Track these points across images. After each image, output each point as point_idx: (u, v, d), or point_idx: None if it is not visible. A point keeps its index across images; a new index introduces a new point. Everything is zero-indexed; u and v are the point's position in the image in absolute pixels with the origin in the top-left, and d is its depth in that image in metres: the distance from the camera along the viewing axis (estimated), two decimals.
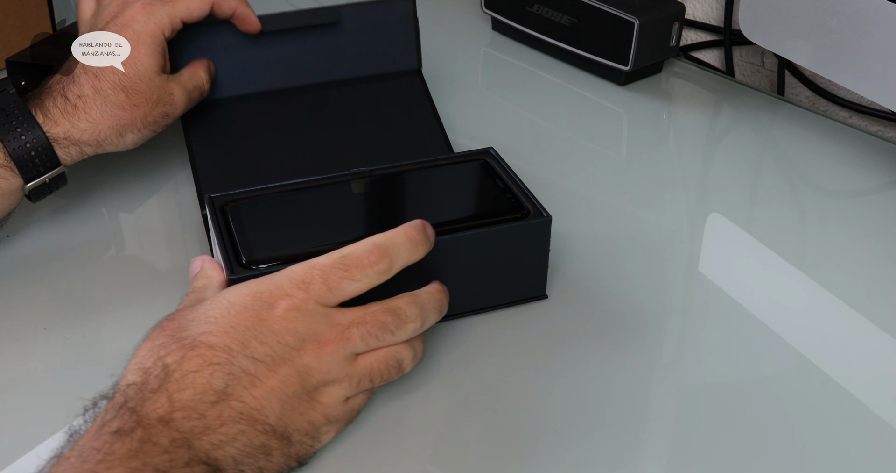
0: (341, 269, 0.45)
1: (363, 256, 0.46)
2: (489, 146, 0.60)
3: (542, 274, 0.57)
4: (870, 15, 0.64)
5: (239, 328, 0.44)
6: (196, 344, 0.43)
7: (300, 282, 0.45)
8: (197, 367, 0.42)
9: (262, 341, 0.44)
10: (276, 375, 0.43)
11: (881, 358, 0.54)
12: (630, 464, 0.47)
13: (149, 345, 0.44)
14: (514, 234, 0.54)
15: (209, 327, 0.44)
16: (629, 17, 0.76)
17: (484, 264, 0.54)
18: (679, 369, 0.53)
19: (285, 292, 0.45)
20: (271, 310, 0.44)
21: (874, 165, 0.71)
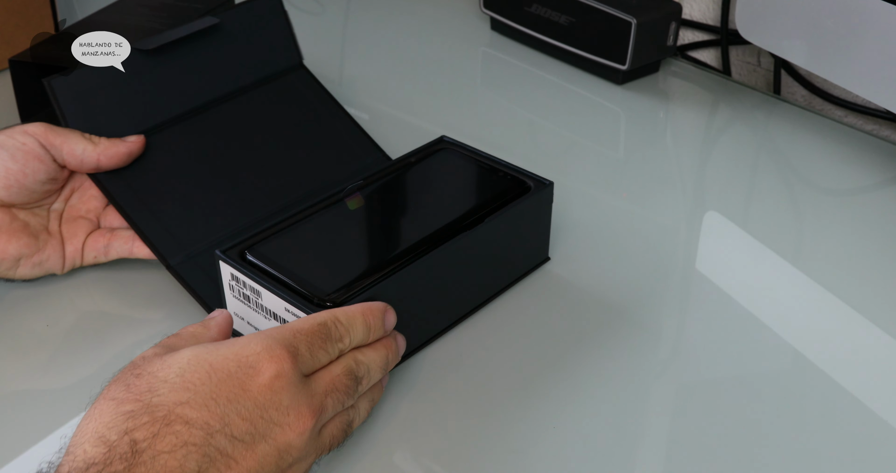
0: (320, 338, 0.43)
1: (333, 329, 0.44)
2: (440, 135, 0.61)
3: (546, 239, 0.59)
4: (865, 14, 0.64)
5: (220, 400, 0.39)
6: (171, 419, 0.38)
7: (288, 345, 0.42)
8: (170, 447, 0.38)
9: (243, 416, 0.40)
10: (254, 455, 0.40)
11: (877, 355, 0.55)
12: (627, 460, 0.48)
13: (112, 409, 0.39)
14: (525, 209, 0.55)
15: (187, 395, 0.39)
16: (627, 16, 0.77)
17: (500, 247, 0.55)
18: (676, 366, 0.54)
19: (273, 355, 0.41)
20: (256, 377, 0.40)
21: (869, 164, 0.71)
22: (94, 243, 0.58)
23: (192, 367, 0.40)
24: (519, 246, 0.57)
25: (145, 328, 0.55)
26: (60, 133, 0.55)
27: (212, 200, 0.59)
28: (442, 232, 0.52)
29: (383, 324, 0.47)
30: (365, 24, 0.93)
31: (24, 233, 0.55)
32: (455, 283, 0.54)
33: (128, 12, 0.73)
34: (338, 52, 0.89)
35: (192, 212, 0.58)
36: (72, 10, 0.90)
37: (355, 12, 0.95)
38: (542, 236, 0.59)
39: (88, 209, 0.59)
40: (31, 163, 0.54)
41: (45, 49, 0.68)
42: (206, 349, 0.41)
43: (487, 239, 0.54)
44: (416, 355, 0.53)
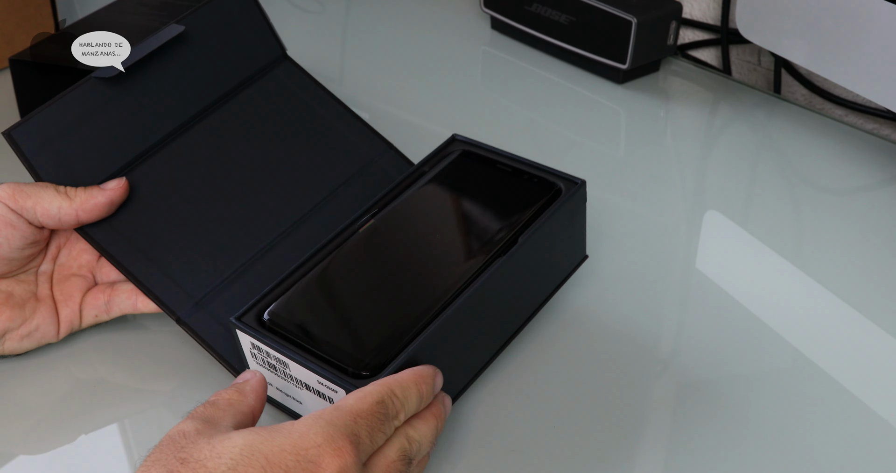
0: (378, 419, 0.40)
1: (390, 406, 0.40)
2: (451, 134, 0.56)
3: (583, 238, 0.54)
4: (866, 14, 0.64)
5: None
6: None
7: (351, 434, 0.38)
8: None
9: None
10: None
11: (877, 354, 0.55)
12: (627, 459, 0.48)
13: None
14: (561, 216, 0.51)
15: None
16: (627, 16, 0.77)
17: (539, 261, 0.51)
18: (676, 365, 0.54)
19: (337, 448, 0.37)
20: (311, 469, 0.37)
21: (870, 163, 0.71)
22: (94, 301, 0.53)
23: (246, 460, 0.36)
24: (558, 253, 0.53)
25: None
26: (30, 193, 0.49)
27: (213, 233, 0.54)
28: (476, 261, 0.48)
29: (433, 390, 0.43)
30: (365, 24, 0.93)
31: (5, 305, 0.50)
32: (496, 313, 0.49)
33: (128, 12, 0.73)
34: (338, 52, 0.89)
35: (195, 252, 0.53)
36: (72, 10, 0.90)
37: (355, 12, 0.95)
38: (578, 236, 0.54)
39: (80, 265, 0.54)
40: (2, 231, 0.49)
41: (45, 48, 0.67)
42: (260, 438, 0.37)
43: (526, 258, 0.49)
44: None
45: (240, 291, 0.52)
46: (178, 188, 0.54)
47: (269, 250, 0.54)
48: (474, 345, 0.49)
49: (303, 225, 0.56)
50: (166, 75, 0.56)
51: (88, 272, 0.54)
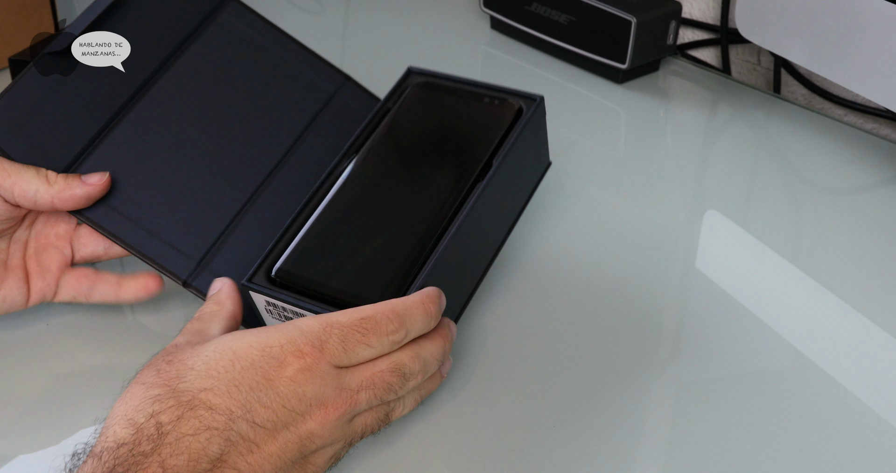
0: (360, 332, 0.43)
1: (383, 322, 0.43)
2: (408, 66, 0.57)
3: (545, 148, 0.56)
4: (865, 13, 0.64)
5: (243, 388, 0.40)
6: (195, 403, 0.39)
7: (315, 340, 0.42)
8: (194, 430, 0.39)
9: (265, 404, 0.40)
10: (276, 441, 0.40)
11: (877, 354, 0.55)
12: (627, 459, 0.48)
13: (141, 393, 0.40)
14: (525, 133, 0.53)
15: (210, 382, 0.40)
16: (627, 15, 0.77)
17: (512, 177, 0.53)
18: (676, 365, 0.54)
19: (298, 350, 0.41)
20: (280, 369, 0.41)
21: (869, 163, 0.71)
22: (77, 283, 0.53)
23: (218, 355, 0.41)
24: (527, 167, 0.55)
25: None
26: (10, 172, 0.49)
27: (197, 191, 0.54)
28: (458, 189, 0.50)
29: (440, 309, 0.45)
30: (365, 24, 0.93)
31: None
32: (484, 232, 0.52)
33: None
34: (338, 52, 0.89)
35: (184, 213, 0.54)
36: (72, 10, 0.90)
37: (355, 12, 0.95)
38: (542, 147, 0.56)
39: (58, 234, 0.54)
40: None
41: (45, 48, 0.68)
42: (232, 337, 0.42)
43: (502, 178, 0.51)
44: None
45: (236, 245, 0.54)
46: (153, 152, 0.54)
47: (255, 199, 0.55)
48: (469, 266, 0.52)
49: (281, 169, 0.57)
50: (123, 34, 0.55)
51: (66, 243, 0.54)
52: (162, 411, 0.39)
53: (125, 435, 0.39)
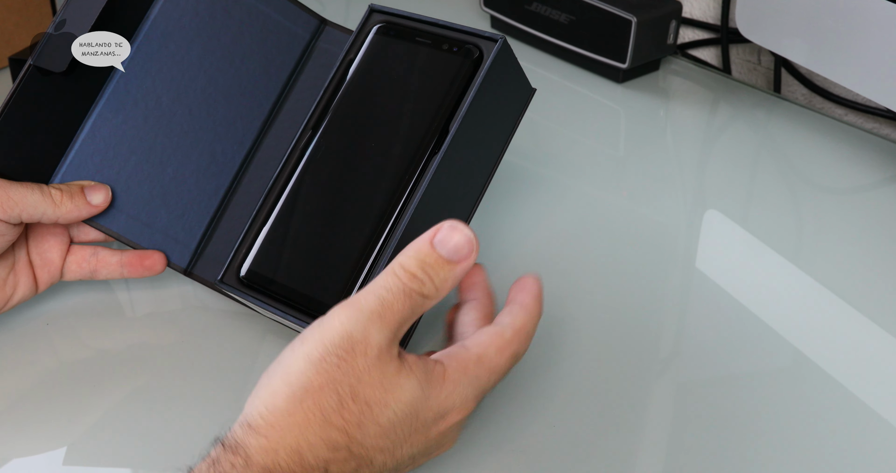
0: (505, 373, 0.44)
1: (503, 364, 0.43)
2: (370, 4, 0.54)
3: (523, 78, 0.53)
4: (866, 13, 0.64)
5: (404, 447, 0.40)
6: (365, 463, 0.39)
7: (481, 393, 0.42)
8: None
9: (413, 444, 0.41)
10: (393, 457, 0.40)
11: (877, 354, 0.55)
12: (627, 459, 0.48)
13: (318, 425, 0.38)
14: (490, 76, 0.49)
15: (385, 443, 0.39)
16: (627, 15, 0.77)
17: (485, 120, 0.51)
18: (676, 364, 0.54)
19: (464, 409, 0.42)
20: (438, 423, 0.41)
21: (870, 162, 0.71)
22: (79, 269, 0.54)
23: (404, 421, 0.40)
24: (503, 106, 0.52)
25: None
26: (17, 200, 0.49)
27: (184, 173, 0.54)
28: (413, 166, 0.48)
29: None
30: None
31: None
32: (449, 199, 0.50)
33: None
34: None
35: (175, 199, 0.53)
36: None
37: (355, 12, 0.95)
38: (518, 81, 0.53)
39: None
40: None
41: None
42: (423, 396, 0.40)
43: (461, 141, 0.49)
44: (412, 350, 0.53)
45: (229, 225, 0.54)
46: (136, 137, 0.54)
47: (243, 174, 0.55)
48: (453, 206, 0.50)
49: (266, 137, 0.56)
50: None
51: (63, 230, 0.54)
52: (334, 461, 0.38)
53: (290, 464, 0.37)
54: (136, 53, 0.54)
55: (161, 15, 0.54)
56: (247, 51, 0.56)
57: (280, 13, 0.57)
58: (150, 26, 0.54)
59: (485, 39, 0.50)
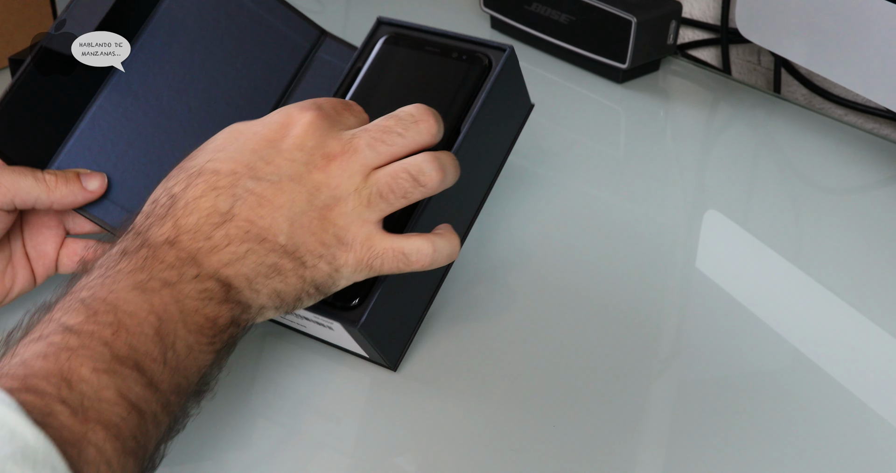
0: (345, 105, 0.46)
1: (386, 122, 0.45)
2: (377, 16, 0.56)
3: (524, 91, 0.55)
4: (866, 13, 0.64)
5: (245, 153, 0.43)
6: (201, 172, 0.42)
7: (310, 105, 0.44)
8: (201, 193, 0.42)
9: (268, 160, 0.42)
10: (283, 193, 0.42)
11: (877, 354, 0.55)
12: (627, 459, 0.48)
13: (162, 182, 0.44)
14: (497, 85, 0.51)
15: (216, 155, 0.43)
16: (627, 15, 0.77)
17: (489, 131, 0.52)
18: (676, 364, 0.54)
19: (293, 113, 0.44)
20: (284, 130, 0.43)
21: (870, 163, 0.71)
22: (71, 261, 0.54)
23: (224, 135, 0.44)
24: (504, 117, 0.54)
25: None
26: (9, 187, 0.49)
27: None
28: None
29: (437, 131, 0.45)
30: (365, 24, 0.93)
31: None
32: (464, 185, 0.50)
33: None
34: None
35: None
36: None
37: (355, 11, 0.95)
38: (520, 93, 0.55)
39: (49, 214, 0.54)
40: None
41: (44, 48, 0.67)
42: (239, 123, 0.45)
43: (474, 138, 0.51)
44: (413, 350, 0.53)
45: None
46: (135, 132, 0.54)
47: None
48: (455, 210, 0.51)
49: None
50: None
51: (58, 223, 0.54)
52: (173, 184, 0.42)
53: (145, 209, 0.42)
54: (138, 50, 0.55)
55: (165, 14, 0.55)
56: (248, 55, 0.57)
57: (282, 22, 0.58)
58: (154, 24, 0.55)
59: (493, 49, 0.52)
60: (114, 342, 0.36)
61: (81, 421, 0.33)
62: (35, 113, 0.52)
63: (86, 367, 0.35)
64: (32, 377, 0.34)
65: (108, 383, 0.35)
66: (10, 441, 0.30)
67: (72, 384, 0.34)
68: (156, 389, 0.36)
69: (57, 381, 0.34)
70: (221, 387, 0.51)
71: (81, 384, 0.34)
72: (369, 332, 0.48)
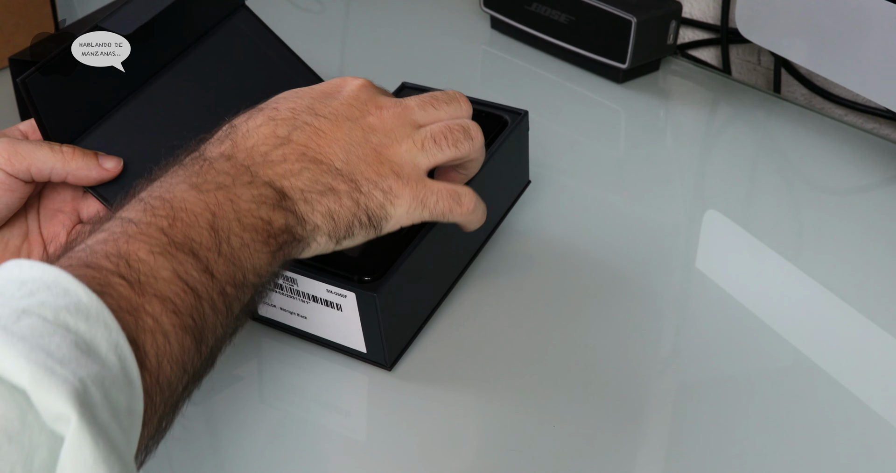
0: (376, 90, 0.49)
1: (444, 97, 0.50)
2: (402, 82, 0.61)
3: (526, 165, 0.60)
4: (866, 13, 0.64)
5: (304, 98, 0.46)
6: (262, 107, 0.46)
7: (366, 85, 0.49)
8: (261, 122, 0.45)
9: (326, 104, 0.46)
10: (340, 129, 0.45)
11: (877, 354, 0.55)
12: (627, 459, 0.48)
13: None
14: (507, 143, 0.56)
15: (276, 102, 0.47)
16: (627, 15, 0.77)
17: (491, 185, 0.55)
18: (676, 364, 0.54)
19: (350, 78, 0.48)
20: (339, 89, 0.48)
21: (869, 163, 0.71)
22: None
23: (280, 95, 0.48)
24: (504, 181, 0.57)
25: None
26: (25, 155, 0.50)
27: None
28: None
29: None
30: (365, 24, 0.93)
31: (2, 258, 0.51)
32: (446, 248, 0.54)
33: None
34: (338, 52, 0.89)
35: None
36: (72, 9, 0.90)
37: (355, 11, 0.95)
38: (522, 163, 0.60)
39: (65, 199, 0.55)
40: (4, 199, 0.50)
41: (45, 48, 0.67)
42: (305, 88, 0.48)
43: (477, 186, 0.53)
44: (412, 352, 0.53)
45: None
46: (158, 133, 0.57)
47: None
48: (445, 257, 0.55)
49: None
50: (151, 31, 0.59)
51: (72, 208, 0.55)
52: (235, 119, 0.45)
53: (206, 138, 0.45)
54: (186, 66, 0.60)
55: (207, 47, 0.62)
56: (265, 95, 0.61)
57: (302, 78, 0.65)
58: (196, 53, 0.61)
59: (510, 112, 0.57)
60: (170, 230, 0.38)
61: (139, 294, 0.35)
62: (78, 88, 0.55)
63: (143, 250, 0.36)
64: (91, 256, 0.35)
65: (164, 263, 0.36)
66: (64, 296, 0.31)
67: (129, 262, 0.36)
68: (211, 275, 0.38)
69: (115, 259, 0.35)
70: (219, 387, 0.51)
71: (139, 263, 0.36)
72: (384, 305, 0.48)
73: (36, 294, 0.31)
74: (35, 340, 0.29)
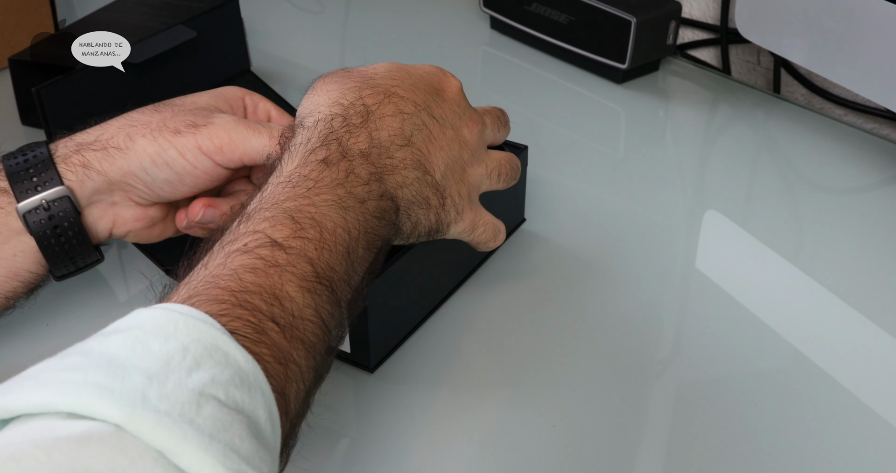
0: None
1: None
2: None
3: (522, 201, 0.60)
4: (865, 13, 0.64)
5: (421, 89, 0.47)
6: (390, 93, 0.46)
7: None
8: (392, 112, 0.45)
9: (438, 105, 0.48)
10: (445, 137, 0.47)
11: (876, 354, 0.55)
12: (627, 459, 0.48)
13: (336, 86, 0.46)
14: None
15: (396, 82, 0.47)
16: (626, 15, 0.77)
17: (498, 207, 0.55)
18: (676, 364, 0.54)
19: (452, 76, 0.50)
20: (445, 83, 0.49)
21: (869, 163, 0.71)
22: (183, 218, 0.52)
23: (394, 69, 0.48)
24: (498, 211, 0.56)
25: None
26: (239, 143, 0.48)
27: None
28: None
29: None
30: (365, 24, 0.93)
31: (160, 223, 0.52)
32: (444, 257, 0.54)
33: (128, 11, 0.73)
34: (338, 52, 0.89)
35: None
36: (72, 10, 0.90)
37: (355, 12, 0.95)
38: (518, 200, 0.61)
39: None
40: (200, 184, 0.49)
41: (44, 48, 0.68)
42: (396, 63, 0.50)
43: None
44: (410, 352, 0.53)
45: None
46: None
47: None
48: (425, 286, 0.54)
49: None
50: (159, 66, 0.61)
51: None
52: (366, 96, 0.46)
53: (335, 111, 0.44)
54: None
55: None
56: None
57: None
58: None
59: (511, 147, 0.58)
60: (317, 261, 0.38)
61: (289, 340, 0.35)
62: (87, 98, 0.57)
63: (292, 285, 0.37)
64: (244, 293, 0.35)
65: (310, 302, 0.37)
66: (227, 366, 0.32)
67: (282, 301, 0.36)
68: (339, 306, 0.39)
69: (269, 298, 0.36)
70: None
71: (290, 303, 0.36)
72: (374, 302, 0.48)
73: (202, 365, 0.31)
74: (221, 436, 0.29)
